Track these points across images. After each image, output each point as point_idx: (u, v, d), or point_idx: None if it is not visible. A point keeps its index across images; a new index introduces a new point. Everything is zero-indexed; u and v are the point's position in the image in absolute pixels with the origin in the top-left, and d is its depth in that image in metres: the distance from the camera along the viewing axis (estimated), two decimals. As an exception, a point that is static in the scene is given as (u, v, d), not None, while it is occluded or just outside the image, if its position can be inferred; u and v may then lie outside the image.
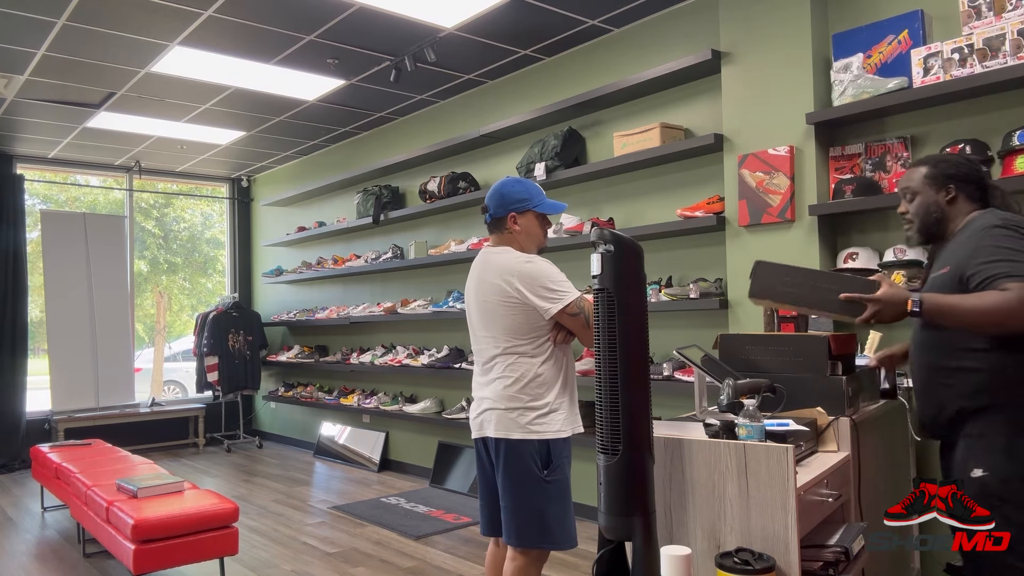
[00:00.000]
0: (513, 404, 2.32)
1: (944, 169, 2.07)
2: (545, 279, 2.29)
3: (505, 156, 5.06)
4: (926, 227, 2.09)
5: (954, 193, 2.04)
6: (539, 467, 2.29)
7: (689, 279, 3.89)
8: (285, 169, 7.69)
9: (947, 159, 2.11)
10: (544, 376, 2.33)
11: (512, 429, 2.31)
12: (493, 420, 2.35)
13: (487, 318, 2.39)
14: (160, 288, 11.02)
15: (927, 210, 2.07)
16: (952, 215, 2.05)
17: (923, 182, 2.08)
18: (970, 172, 2.07)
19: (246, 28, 4.13)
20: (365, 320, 6.07)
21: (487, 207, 2.45)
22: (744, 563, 1.70)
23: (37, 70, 4.72)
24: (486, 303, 2.38)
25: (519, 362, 2.32)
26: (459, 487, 5.20)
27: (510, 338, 2.33)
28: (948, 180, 2.05)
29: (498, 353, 2.36)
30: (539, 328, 2.32)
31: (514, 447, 2.31)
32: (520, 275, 2.30)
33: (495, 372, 2.37)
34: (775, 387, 2.08)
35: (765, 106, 3.35)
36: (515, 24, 4.15)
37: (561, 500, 2.32)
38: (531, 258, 2.36)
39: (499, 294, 2.33)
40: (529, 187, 2.45)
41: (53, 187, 8.68)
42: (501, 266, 2.35)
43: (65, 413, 6.73)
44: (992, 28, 2.68)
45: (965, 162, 2.10)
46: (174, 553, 3.19)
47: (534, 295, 2.28)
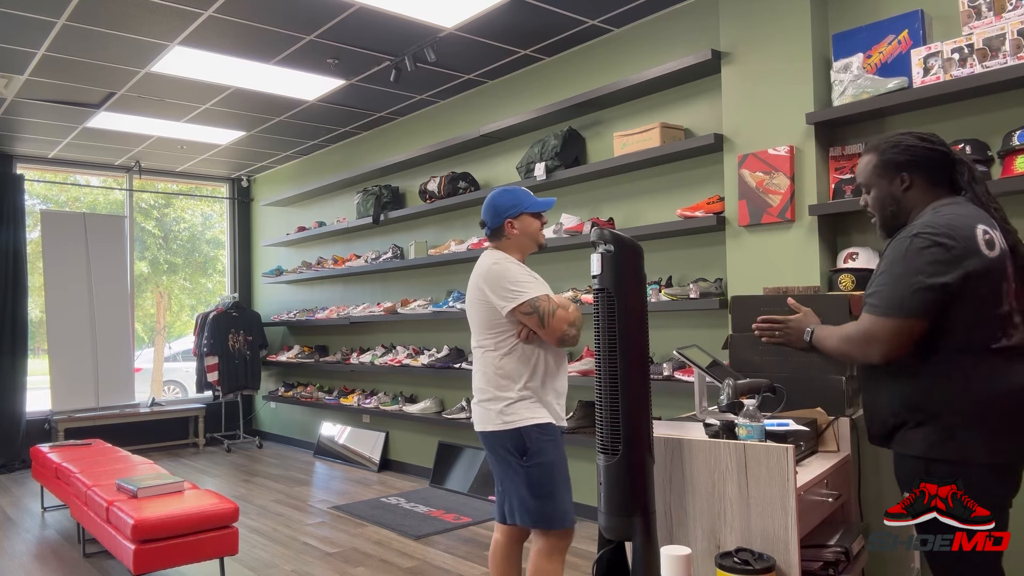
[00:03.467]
0: (483, 396, 2.51)
1: (893, 156, 1.87)
2: (504, 279, 2.46)
3: (505, 156, 5.06)
4: (886, 221, 1.93)
5: (908, 182, 1.86)
6: (515, 455, 2.43)
7: (689, 279, 3.89)
8: (285, 169, 7.69)
9: (897, 143, 1.88)
10: (506, 370, 2.47)
11: (486, 423, 2.49)
12: (477, 415, 2.55)
13: (471, 318, 2.61)
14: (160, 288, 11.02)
15: (882, 204, 1.91)
16: (910, 204, 1.87)
17: (873, 174, 1.91)
18: (925, 154, 1.85)
19: (246, 28, 4.13)
20: (365, 320, 6.07)
21: (484, 221, 2.63)
22: (744, 563, 1.70)
23: (37, 70, 4.72)
24: (471, 303, 2.60)
25: (485, 356, 2.52)
26: (459, 487, 5.20)
27: (480, 333, 2.55)
28: (899, 168, 1.86)
29: (474, 347, 2.59)
30: (500, 324, 2.48)
31: (489, 439, 2.50)
32: (486, 275, 2.50)
33: (476, 366, 2.59)
34: (775, 387, 2.08)
35: (765, 106, 3.35)
36: (515, 24, 4.15)
37: (551, 483, 2.43)
38: (499, 260, 2.53)
39: (475, 293, 2.55)
40: (516, 192, 2.63)
41: (53, 187, 8.68)
42: (478, 268, 2.57)
43: (65, 413, 6.73)
44: (992, 28, 2.68)
45: (918, 143, 1.86)
46: (174, 553, 3.19)
47: (494, 294, 2.47)
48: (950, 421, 1.74)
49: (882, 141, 1.92)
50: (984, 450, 1.72)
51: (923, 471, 1.78)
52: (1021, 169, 2.62)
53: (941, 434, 1.75)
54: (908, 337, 1.74)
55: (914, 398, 1.79)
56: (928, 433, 1.77)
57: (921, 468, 1.78)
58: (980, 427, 1.72)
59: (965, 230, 1.72)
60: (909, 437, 1.81)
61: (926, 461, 1.77)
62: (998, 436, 1.73)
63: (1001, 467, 1.76)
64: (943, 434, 1.75)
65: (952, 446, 1.74)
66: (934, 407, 1.76)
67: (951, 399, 1.74)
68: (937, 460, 1.76)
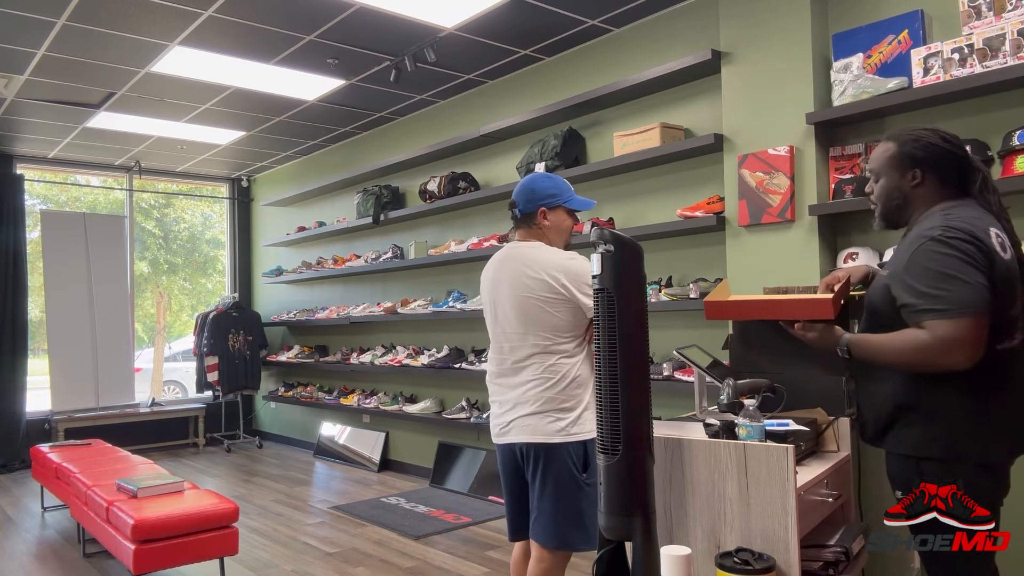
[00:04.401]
0: (549, 407, 2.26)
1: (911, 150, 1.84)
2: (588, 276, 2.25)
3: (505, 156, 5.06)
4: (887, 212, 1.91)
5: (920, 178, 1.83)
6: (579, 469, 2.27)
7: (689, 279, 3.89)
8: (285, 169, 7.69)
9: (918, 138, 1.85)
10: (582, 376, 2.30)
11: (550, 433, 2.26)
12: (528, 425, 2.29)
13: (525, 315, 2.31)
14: (160, 288, 11.02)
15: (888, 195, 1.89)
16: (917, 202, 1.86)
17: (887, 163, 1.88)
18: (943, 154, 1.82)
19: (246, 28, 4.13)
20: (365, 320, 6.07)
21: (515, 202, 2.41)
22: (744, 563, 1.70)
23: (37, 70, 4.72)
24: (526, 299, 2.30)
25: (560, 362, 2.27)
26: (459, 487, 5.20)
27: (551, 336, 2.28)
28: (915, 163, 1.83)
29: (536, 352, 2.29)
30: (580, 327, 2.31)
31: (553, 451, 2.26)
32: (567, 272, 2.27)
33: (529, 372, 2.30)
34: (775, 387, 2.08)
35: (765, 106, 3.35)
36: (515, 24, 4.15)
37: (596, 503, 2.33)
38: (573, 255, 2.34)
39: (544, 290, 2.28)
40: (558, 183, 2.43)
41: (53, 187, 8.68)
42: (543, 261, 2.30)
43: (65, 413, 6.73)
44: (992, 28, 2.68)
45: (939, 142, 1.83)
46: (174, 553, 3.19)
47: (581, 293, 2.26)
48: (947, 419, 1.74)
49: (903, 132, 1.89)
50: (978, 449, 1.73)
51: (915, 470, 1.78)
52: (1021, 169, 2.62)
53: (936, 432, 1.75)
54: (985, 335, 1.67)
55: (911, 396, 1.79)
56: (922, 431, 1.77)
57: (912, 467, 1.78)
58: (977, 425, 1.73)
59: (981, 232, 1.71)
60: (903, 435, 1.81)
61: (917, 460, 1.78)
62: (994, 435, 1.73)
63: (993, 466, 1.77)
64: (938, 432, 1.75)
65: (945, 445, 1.74)
66: (932, 405, 1.76)
67: (951, 398, 1.74)
68: (930, 459, 1.76)
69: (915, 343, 1.69)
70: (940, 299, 1.66)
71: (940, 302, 1.66)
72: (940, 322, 1.65)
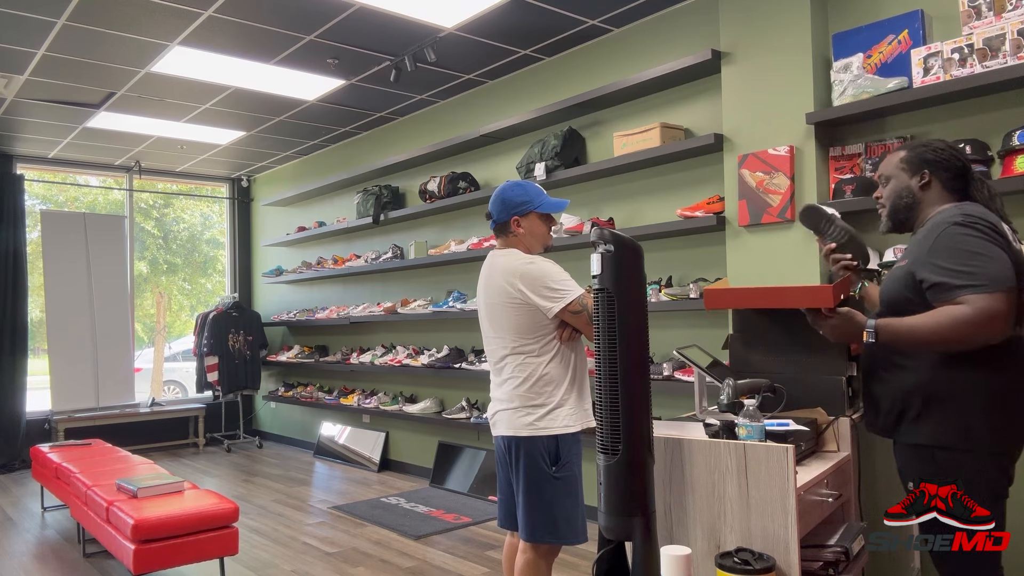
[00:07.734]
0: (521, 403, 2.38)
1: (921, 154, 1.96)
2: (546, 279, 2.34)
3: (505, 156, 5.06)
4: (895, 212, 2.00)
5: (928, 179, 1.94)
6: (547, 463, 2.35)
7: (689, 279, 3.89)
8: (285, 169, 7.69)
9: (928, 144, 1.98)
10: (551, 375, 2.38)
11: (521, 427, 2.38)
12: (504, 419, 2.43)
13: (495, 320, 2.45)
14: (160, 288, 11.02)
15: (898, 194, 1.98)
16: (924, 203, 1.95)
17: (898, 166, 1.99)
18: (949, 160, 1.94)
19: (246, 28, 4.13)
20: (365, 320, 6.07)
21: (490, 214, 2.51)
22: (744, 563, 1.70)
23: (37, 70, 4.72)
24: (493, 305, 2.45)
25: (527, 362, 2.38)
26: (459, 487, 5.20)
27: (516, 338, 2.40)
28: (924, 165, 1.94)
29: (507, 353, 2.43)
30: (544, 327, 2.38)
31: (524, 444, 2.37)
32: (522, 276, 2.36)
33: (506, 372, 2.44)
34: (775, 387, 2.08)
35: (765, 106, 3.35)
36: (515, 24, 4.15)
37: (570, 496, 2.38)
38: (532, 259, 2.41)
39: (504, 295, 2.40)
40: (528, 189, 2.49)
41: (53, 187, 8.68)
42: (504, 268, 2.41)
43: (65, 413, 6.73)
44: (992, 28, 2.68)
45: (946, 149, 1.96)
46: (174, 553, 3.19)
47: (536, 295, 2.34)
48: (961, 407, 1.77)
49: (915, 141, 2.03)
50: (992, 436, 1.76)
51: (929, 458, 1.80)
52: (1021, 169, 2.62)
53: (950, 421, 1.78)
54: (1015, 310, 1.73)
55: (932, 385, 1.81)
56: (938, 421, 1.80)
57: (927, 456, 1.80)
58: (992, 412, 1.76)
59: (995, 221, 1.80)
60: (919, 425, 1.83)
61: (933, 449, 1.80)
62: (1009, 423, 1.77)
63: (1002, 453, 1.79)
64: (952, 421, 1.78)
65: (960, 433, 1.77)
66: (947, 392, 1.79)
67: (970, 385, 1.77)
68: (945, 448, 1.78)
69: (955, 317, 1.70)
70: (975, 275, 1.71)
71: (975, 278, 1.70)
72: (979, 296, 1.69)
